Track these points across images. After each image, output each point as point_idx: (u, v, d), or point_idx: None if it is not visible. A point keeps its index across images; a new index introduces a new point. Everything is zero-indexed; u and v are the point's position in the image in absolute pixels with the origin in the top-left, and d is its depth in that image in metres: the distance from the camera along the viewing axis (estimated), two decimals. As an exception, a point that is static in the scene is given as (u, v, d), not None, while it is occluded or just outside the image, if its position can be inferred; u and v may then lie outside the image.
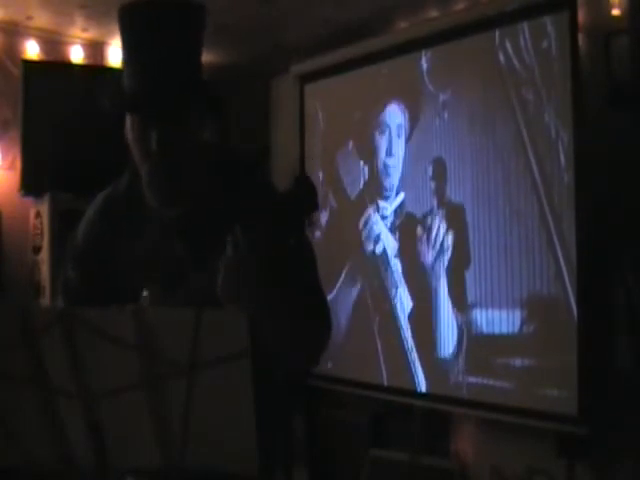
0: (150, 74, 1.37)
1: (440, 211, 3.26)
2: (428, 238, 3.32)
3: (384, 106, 3.55)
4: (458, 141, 3.19)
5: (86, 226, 1.56)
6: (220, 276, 1.25)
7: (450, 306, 3.20)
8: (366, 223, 3.64)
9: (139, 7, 1.37)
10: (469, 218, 3.13)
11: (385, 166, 3.56)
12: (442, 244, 3.25)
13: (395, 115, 3.50)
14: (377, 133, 3.59)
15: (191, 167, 1.43)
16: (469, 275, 3.14)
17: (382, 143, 3.57)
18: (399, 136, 3.48)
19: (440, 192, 3.27)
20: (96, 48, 3.96)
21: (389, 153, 3.54)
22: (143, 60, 1.37)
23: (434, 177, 3.30)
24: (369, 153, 3.63)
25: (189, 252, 1.44)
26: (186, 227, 1.45)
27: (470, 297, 3.13)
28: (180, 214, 1.45)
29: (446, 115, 3.24)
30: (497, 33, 3.04)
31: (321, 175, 3.89)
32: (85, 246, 1.54)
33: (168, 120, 1.38)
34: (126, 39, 1.40)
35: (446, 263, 3.23)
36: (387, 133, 3.55)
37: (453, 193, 3.21)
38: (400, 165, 3.47)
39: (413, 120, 3.41)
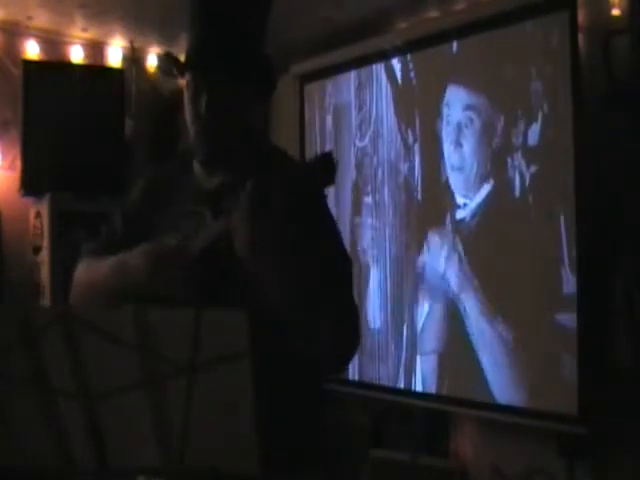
0: (210, 41, 1.43)
1: (444, 214, 3.26)
2: (427, 239, 3.32)
3: (382, 108, 3.56)
4: (456, 145, 3.18)
5: (135, 190, 1.64)
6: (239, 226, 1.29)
7: (450, 306, 3.20)
8: (360, 221, 3.64)
9: None
10: (469, 219, 3.13)
11: (376, 165, 3.57)
12: (445, 247, 3.26)
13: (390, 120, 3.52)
14: (374, 134, 3.60)
15: (236, 134, 1.49)
16: (469, 274, 3.14)
17: (378, 144, 3.58)
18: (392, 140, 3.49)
19: (444, 194, 3.27)
20: (96, 48, 3.95)
21: (380, 153, 3.55)
22: (205, 24, 1.44)
23: (438, 177, 3.30)
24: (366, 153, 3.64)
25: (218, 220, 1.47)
26: (219, 198, 1.49)
27: (470, 297, 3.13)
28: (217, 186, 1.50)
29: (445, 115, 3.24)
30: (497, 33, 3.05)
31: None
32: (132, 202, 1.61)
33: (220, 85, 1.43)
34: (196, 7, 1.46)
35: (445, 263, 3.23)
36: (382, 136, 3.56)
37: (456, 196, 3.21)
38: (399, 166, 3.48)
39: (410, 123, 3.41)
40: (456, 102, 3.19)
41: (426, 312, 3.32)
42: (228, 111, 1.45)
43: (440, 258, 3.26)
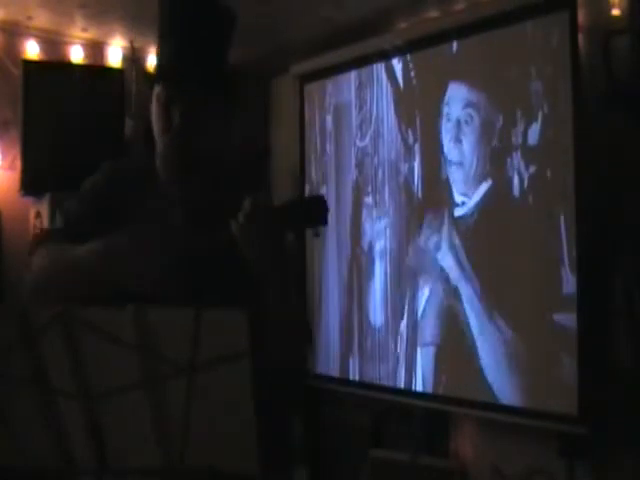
0: (183, 52, 1.48)
1: (444, 212, 3.26)
2: (428, 238, 3.32)
3: (382, 108, 3.56)
4: (456, 142, 3.18)
5: (96, 178, 1.63)
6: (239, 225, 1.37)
7: (449, 305, 3.20)
8: (360, 221, 3.64)
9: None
10: (468, 217, 3.13)
11: (376, 165, 3.57)
12: (444, 245, 3.26)
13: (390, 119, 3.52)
14: (374, 134, 3.60)
15: (206, 144, 1.53)
16: (469, 274, 3.14)
17: (379, 144, 3.58)
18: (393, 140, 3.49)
19: (443, 192, 3.27)
20: (96, 48, 3.96)
21: (381, 152, 3.55)
22: (175, 39, 1.49)
23: (438, 175, 3.30)
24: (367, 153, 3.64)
25: (185, 218, 1.52)
26: (187, 198, 1.54)
27: (469, 296, 3.13)
28: (187, 193, 1.55)
29: (445, 113, 3.24)
30: (497, 33, 3.05)
31: (320, 175, 3.89)
32: (91, 190, 1.61)
33: (192, 96, 1.47)
34: (167, 20, 1.52)
35: (445, 262, 3.23)
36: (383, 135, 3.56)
37: (455, 194, 3.21)
38: (397, 164, 3.48)
39: (411, 123, 3.41)
40: (456, 99, 3.19)
41: (425, 311, 3.32)
42: (199, 122, 1.49)
43: (439, 257, 3.26)
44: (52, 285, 1.49)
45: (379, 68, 3.58)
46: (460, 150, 3.17)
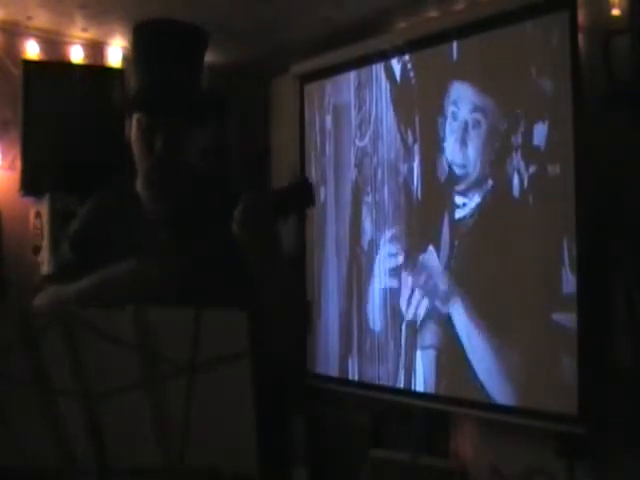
0: (162, 78, 1.50)
1: (443, 213, 3.26)
2: (428, 238, 3.32)
3: (382, 108, 3.56)
4: (462, 144, 3.18)
5: (83, 216, 1.69)
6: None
7: (449, 305, 3.20)
8: (360, 220, 3.64)
9: (156, 24, 1.55)
10: (468, 218, 3.13)
11: (376, 165, 3.57)
12: (443, 245, 3.25)
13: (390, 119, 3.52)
14: (374, 134, 3.60)
15: (188, 170, 1.56)
16: (469, 274, 3.14)
17: (378, 144, 3.58)
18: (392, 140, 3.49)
19: (443, 193, 3.27)
20: (96, 48, 3.95)
21: (380, 152, 3.55)
22: (153, 68, 1.51)
23: (438, 176, 3.30)
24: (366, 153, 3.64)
25: (173, 237, 1.56)
26: (171, 219, 1.58)
27: (470, 296, 3.13)
28: (170, 215, 1.58)
29: (451, 112, 3.24)
30: (497, 33, 3.05)
31: (320, 175, 3.89)
32: (82, 231, 1.66)
33: (173, 122, 1.50)
34: (143, 46, 1.55)
35: (445, 263, 3.23)
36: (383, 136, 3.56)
37: (455, 195, 3.21)
38: (407, 163, 3.48)
39: (410, 123, 3.41)
40: (464, 101, 3.18)
41: (425, 312, 3.32)
42: (182, 144, 1.52)
43: (439, 257, 3.26)
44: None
45: (378, 68, 3.59)
46: (464, 153, 3.16)
